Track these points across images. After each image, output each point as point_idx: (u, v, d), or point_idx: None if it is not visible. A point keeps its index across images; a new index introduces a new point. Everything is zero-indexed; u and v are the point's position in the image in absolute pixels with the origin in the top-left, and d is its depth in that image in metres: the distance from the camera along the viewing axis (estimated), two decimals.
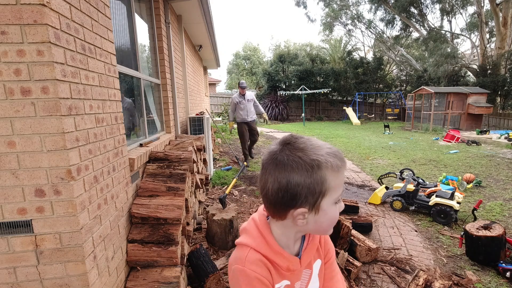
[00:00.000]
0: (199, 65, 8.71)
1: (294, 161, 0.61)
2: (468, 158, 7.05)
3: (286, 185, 0.61)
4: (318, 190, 0.61)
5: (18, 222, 1.33)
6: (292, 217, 0.64)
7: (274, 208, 0.65)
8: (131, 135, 2.81)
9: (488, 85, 13.85)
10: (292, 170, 0.60)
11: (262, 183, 0.66)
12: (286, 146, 0.64)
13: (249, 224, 0.73)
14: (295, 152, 0.62)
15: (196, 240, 3.01)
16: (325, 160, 0.61)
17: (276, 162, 0.62)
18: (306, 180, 0.60)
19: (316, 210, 0.64)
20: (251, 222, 0.74)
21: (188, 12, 4.71)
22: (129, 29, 2.77)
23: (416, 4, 16.87)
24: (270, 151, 0.66)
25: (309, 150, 0.62)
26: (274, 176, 0.62)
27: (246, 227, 0.74)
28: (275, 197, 0.63)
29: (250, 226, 0.73)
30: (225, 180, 5.01)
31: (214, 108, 19.68)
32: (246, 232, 0.72)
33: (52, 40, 1.26)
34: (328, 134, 12.08)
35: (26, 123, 1.28)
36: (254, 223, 0.72)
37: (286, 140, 0.65)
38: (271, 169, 0.63)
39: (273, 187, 0.62)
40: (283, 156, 0.62)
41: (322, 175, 0.61)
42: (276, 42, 47.95)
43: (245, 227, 0.74)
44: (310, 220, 0.65)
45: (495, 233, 2.62)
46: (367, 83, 20.23)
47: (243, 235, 0.73)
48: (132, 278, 1.94)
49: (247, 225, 0.74)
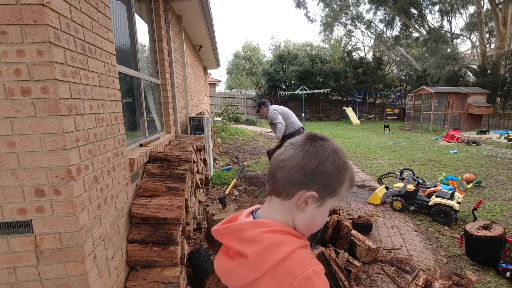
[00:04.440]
0: (199, 65, 8.71)
1: (331, 151, 0.63)
2: (468, 158, 7.05)
3: (316, 166, 0.61)
4: (334, 188, 0.64)
5: (18, 222, 1.33)
6: (298, 198, 0.63)
7: (287, 183, 0.63)
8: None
9: (488, 85, 13.86)
10: (327, 157, 0.62)
11: (284, 155, 0.65)
12: (323, 139, 0.66)
13: (266, 240, 0.59)
14: (332, 147, 0.64)
15: (196, 240, 3.01)
16: (350, 171, 0.66)
17: (314, 144, 0.64)
18: (333, 173, 0.62)
19: (321, 204, 0.64)
20: (264, 236, 0.60)
21: (188, 12, 4.71)
22: (129, 29, 2.77)
23: (416, 4, 16.88)
24: (306, 134, 0.68)
25: (343, 154, 0.66)
26: (306, 153, 0.63)
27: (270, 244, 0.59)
28: (296, 172, 0.62)
29: (270, 239, 0.59)
30: (225, 180, 5.01)
31: (214, 108, 19.67)
32: (275, 246, 0.59)
33: (52, 40, 1.26)
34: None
35: (26, 123, 1.28)
36: (268, 233, 0.61)
37: (323, 136, 0.67)
38: (305, 146, 0.64)
39: (300, 162, 0.62)
40: (322, 143, 0.64)
41: (343, 179, 0.64)
42: (276, 42, 48.01)
43: (270, 244, 0.59)
44: (309, 211, 0.65)
45: (495, 233, 2.62)
46: (367, 83, 20.24)
47: (276, 250, 0.58)
48: (132, 278, 1.94)
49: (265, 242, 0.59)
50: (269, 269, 0.57)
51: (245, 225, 0.63)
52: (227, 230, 0.65)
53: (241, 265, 0.60)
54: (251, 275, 0.58)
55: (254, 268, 0.58)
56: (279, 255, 0.57)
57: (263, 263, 0.57)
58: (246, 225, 0.63)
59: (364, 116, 19.20)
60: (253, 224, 0.63)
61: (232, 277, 0.62)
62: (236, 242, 0.62)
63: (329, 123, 18.54)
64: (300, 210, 0.64)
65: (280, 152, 0.67)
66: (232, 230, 0.64)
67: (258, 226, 0.62)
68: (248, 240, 0.60)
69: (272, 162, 0.68)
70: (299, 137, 0.68)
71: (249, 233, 0.61)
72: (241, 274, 0.60)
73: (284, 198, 0.64)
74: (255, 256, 0.58)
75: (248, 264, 0.58)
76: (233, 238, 0.63)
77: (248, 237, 0.60)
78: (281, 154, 0.66)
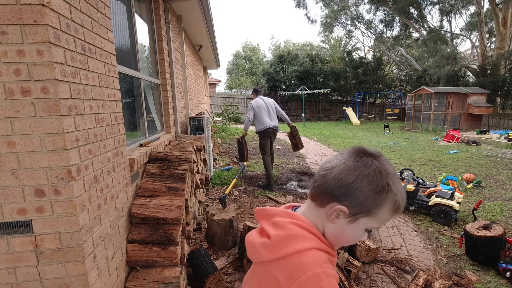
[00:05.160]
0: (199, 65, 8.71)
1: (374, 170, 0.62)
2: (468, 158, 7.05)
3: (352, 182, 0.61)
4: (369, 208, 0.62)
5: (18, 222, 1.33)
6: (329, 209, 0.64)
7: (322, 192, 0.65)
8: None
9: (488, 85, 13.86)
10: (366, 175, 0.61)
11: (329, 164, 0.66)
12: (371, 155, 0.64)
13: (291, 229, 0.63)
14: (376, 166, 0.62)
15: (196, 240, 3.01)
16: (395, 194, 0.62)
17: (357, 159, 0.63)
18: (369, 193, 0.61)
19: (353, 220, 0.64)
20: (290, 226, 0.64)
21: (188, 12, 4.72)
22: (129, 29, 2.77)
23: (416, 4, 16.88)
24: (356, 147, 0.67)
25: (389, 175, 0.63)
26: (346, 166, 0.63)
27: (293, 234, 0.63)
28: (332, 183, 0.63)
29: (294, 230, 0.63)
30: (225, 180, 5.01)
31: (214, 108, 19.68)
32: (296, 237, 0.62)
33: (52, 40, 1.26)
34: (328, 134, 12.08)
35: (26, 123, 1.28)
36: (295, 225, 0.64)
37: (374, 152, 0.66)
38: (348, 159, 0.64)
39: (338, 174, 0.63)
40: (366, 160, 0.63)
41: (383, 201, 0.62)
42: (276, 42, 48.02)
43: (293, 234, 0.63)
44: (339, 224, 0.65)
45: (495, 233, 2.62)
46: (367, 83, 20.24)
47: (296, 241, 0.62)
48: (132, 278, 1.94)
49: (289, 231, 0.63)
50: (284, 256, 0.61)
51: (279, 212, 0.69)
52: (264, 212, 0.71)
53: (263, 244, 0.64)
54: (268, 256, 0.63)
55: (272, 250, 0.62)
56: (297, 247, 0.60)
57: (280, 248, 0.61)
58: (280, 212, 0.69)
59: (364, 116, 19.21)
60: (286, 214, 0.68)
61: (253, 251, 0.67)
62: (267, 224, 0.68)
63: (329, 123, 18.54)
64: (330, 221, 0.65)
65: (328, 160, 0.69)
66: (268, 213, 0.70)
67: (289, 216, 0.67)
68: (276, 225, 0.65)
69: (319, 168, 0.70)
70: (348, 149, 0.68)
71: (279, 219, 0.66)
72: (261, 252, 0.64)
73: (318, 205, 0.67)
74: (276, 240, 0.63)
75: (268, 245, 0.63)
76: (266, 220, 0.69)
77: (277, 222, 0.66)
78: (328, 162, 0.68)
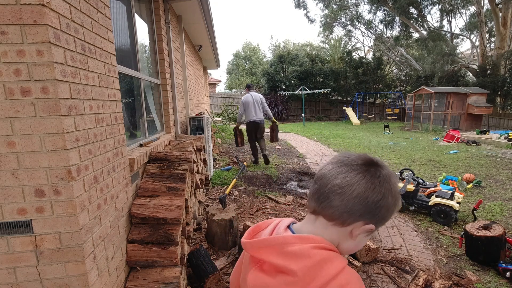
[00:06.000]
0: (199, 65, 8.71)
1: (392, 184, 0.60)
2: (468, 158, 7.05)
3: (379, 199, 0.58)
4: (388, 218, 0.62)
5: (18, 222, 1.33)
6: (353, 228, 0.60)
7: (344, 213, 0.59)
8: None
9: (488, 85, 13.86)
10: (390, 191, 0.59)
11: (341, 180, 0.59)
12: (382, 166, 0.62)
13: (317, 255, 0.56)
14: (390, 178, 0.61)
15: (196, 240, 3.01)
16: (400, 197, 0.64)
17: (378, 173, 0.59)
18: (392, 207, 0.61)
19: (371, 233, 0.64)
20: (315, 252, 0.56)
21: (188, 12, 4.72)
22: (129, 29, 2.77)
23: (416, 4, 16.88)
24: (362, 157, 0.62)
25: (396, 179, 0.62)
26: (370, 183, 0.58)
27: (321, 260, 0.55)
28: (357, 203, 0.58)
29: (321, 255, 0.56)
30: (225, 180, 5.01)
31: (214, 108, 19.68)
32: (326, 262, 0.56)
33: (52, 40, 1.26)
34: (328, 134, 12.08)
35: (26, 123, 1.28)
36: (318, 249, 0.57)
37: (379, 160, 0.63)
38: (367, 173, 0.59)
39: (362, 192, 0.58)
40: (383, 173, 0.60)
41: (395, 208, 0.62)
42: (275, 42, 48.01)
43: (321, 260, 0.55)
44: (358, 238, 0.63)
45: (495, 233, 2.62)
46: (367, 83, 20.24)
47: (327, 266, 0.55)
48: (132, 278, 1.94)
49: (315, 257, 0.55)
50: (320, 286, 0.53)
51: (289, 238, 0.59)
52: (267, 243, 0.60)
53: (286, 283, 0.55)
54: None
55: (302, 285, 0.54)
56: (331, 271, 0.54)
57: (313, 280, 0.53)
58: (291, 239, 0.59)
59: (364, 116, 19.20)
60: (300, 239, 0.59)
61: None
62: (278, 257, 0.57)
63: (329, 123, 18.54)
64: (351, 238, 0.62)
65: (332, 174, 0.61)
66: (274, 243, 0.59)
67: (305, 240, 0.58)
68: (295, 255, 0.56)
69: (324, 182, 0.61)
70: (354, 158, 0.62)
71: (296, 248, 0.57)
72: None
73: (337, 225, 0.61)
74: (304, 273, 0.54)
75: (295, 282, 0.54)
76: (274, 252, 0.58)
77: (294, 251, 0.56)
78: (335, 177, 0.60)
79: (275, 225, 0.68)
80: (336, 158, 0.65)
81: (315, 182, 0.64)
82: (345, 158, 0.63)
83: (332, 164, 0.63)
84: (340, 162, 0.62)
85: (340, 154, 0.66)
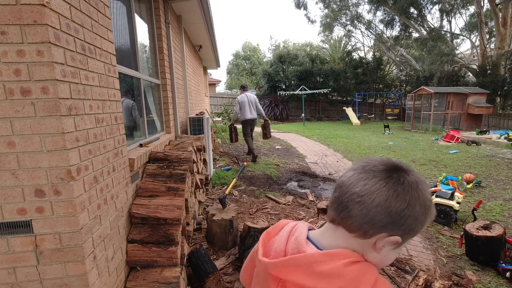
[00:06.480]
0: (199, 65, 8.71)
1: (420, 190, 0.55)
2: (468, 158, 7.05)
3: (404, 208, 0.53)
4: (417, 229, 0.56)
5: (18, 222, 1.33)
6: (377, 240, 0.56)
7: (365, 223, 0.54)
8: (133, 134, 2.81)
9: (488, 85, 13.86)
10: (417, 199, 0.53)
11: (361, 188, 0.55)
12: (407, 171, 0.56)
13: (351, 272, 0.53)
14: (419, 184, 0.55)
15: (196, 240, 3.01)
16: (433, 206, 0.58)
17: (401, 180, 0.54)
18: (421, 216, 0.55)
19: (398, 246, 0.58)
20: (347, 269, 0.53)
21: (188, 12, 4.72)
22: (129, 29, 2.77)
23: (416, 4, 16.88)
24: (385, 162, 0.57)
25: (428, 188, 0.56)
26: (392, 191, 0.53)
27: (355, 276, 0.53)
28: (378, 212, 0.53)
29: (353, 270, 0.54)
30: (225, 180, 5.01)
31: (214, 108, 19.67)
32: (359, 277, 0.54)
33: (52, 40, 1.26)
34: (328, 134, 12.08)
35: (26, 123, 1.28)
36: (349, 265, 0.54)
37: (405, 166, 0.58)
38: (389, 180, 0.54)
39: (384, 201, 0.53)
40: (409, 179, 0.54)
41: (427, 219, 0.56)
42: (275, 42, 47.96)
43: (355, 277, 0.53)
44: (383, 252, 0.57)
45: (495, 233, 2.62)
46: (366, 83, 20.24)
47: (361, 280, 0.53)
48: (132, 278, 1.94)
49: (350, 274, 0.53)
50: None
51: (318, 257, 0.55)
52: (293, 262, 0.56)
53: None
54: None
55: None
56: (367, 286, 0.52)
57: None
58: (320, 257, 0.55)
59: (364, 116, 19.20)
60: (329, 256, 0.55)
61: None
62: (307, 277, 0.53)
63: (329, 123, 18.55)
64: (375, 251, 0.57)
65: (352, 181, 0.57)
66: (301, 263, 0.55)
67: (335, 258, 0.55)
68: (327, 276, 0.52)
69: (343, 190, 0.58)
70: (376, 164, 0.57)
71: (327, 268, 0.53)
72: None
73: (359, 237, 0.56)
74: None
75: None
76: (302, 272, 0.54)
77: (326, 272, 0.53)
78: (354, 184, 0.56)
79: (288, 232, 0.63)
80: (357, 164, 0.60)
81: (335, 190, 0.60)
82: (366, 164, 0.58)
83: (352, 171, 0.59)
84: (361, 168, 0.58)
85: (362, 159, 0.61)
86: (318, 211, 3.12)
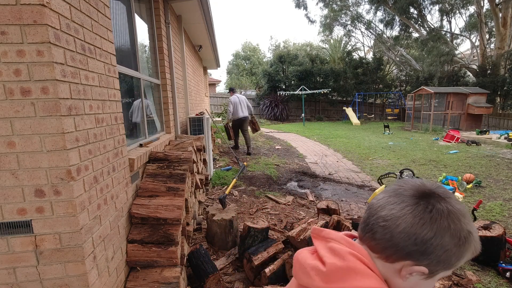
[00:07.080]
0: (199, 65, 8.71)
1: (452, 220, 0.52)
2: (468, 158, 7.05)
3: (431, 237, 0.51)
4: (452, 262, 0.53)
5: (18, 223, 1.33)
6: (401, 267, 0.54)
7: (388, 248, 0.54)
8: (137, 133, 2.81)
9: (488, 85, 13.86)
10: (446, 229, 0.51)
11: (387, 212, 0.55)
12: (440, 197, 0.54)
13: (351, 262, 0.54)
14: (452, 213, 0.52)
15: (196, 240, 3.01)
16: (475, 240, 0.54)
17: (429, 207, 0.52)
18: (453, 248, 0.52)
19: (430, 277, 0.55)
20: (350, 258, 0.55)
21: (188, 12, 4.72)
22: (129, 30, 2.77)
23: (416, 4, 16.88)
24: (417, 185, 0.56)
25: (467, 219, 0.53)
26: (418, 218, 0.52)
27: (353, 267, 0.54)
28: (402, 239, 0.52)
29: (355, 263, 0.54)
30: (225, 180, 5.01)
31: (214, 108, 19.68)
32: (356, 273, 0.53)
33: (52, 40, 1.26)
34: (328, 134, 12.08)
35: (26, 124, 1.28)
36: (355, 257, 0.55)
37: (441, 191, 0.55)
38: (417, 206, 0.53)
39: (409, 228, 0.52)
40: (440, 207, 0.52)
41: (465, 252, 0.53)
42: (275, 42, 47.95)
43: (353, 267, 0.54)
44: (411, 280, 0.55)
45: (495, 233, 2.62)
46: (366, 83, 20.25)
47: (356, 277, 0.53)
48: (132, 278, 1.94)
49: (348, 263, 0.54)
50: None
51: (339, 237, 0.60)
52: (321, 233, 0.63)
53: (316, 269, 0.56)
54: (320, 284, 0.55)
55: (325, 279, 0.54)
56: (357, 283, 0.52)
57: (336, 280, 0.53)
58: (339, 238, 0.60)
59: (364, 116, 19.21)
60: (346, 242, 0.59)
61: (303, 273, 0.59)
62: (322, 247, 0.60)
63: (329, 123, 18.55)
64: (400, 278, 0.55)
65: (380, 204, 0.57)
66: (325, 236, 0.62)
67: (349, 245, 0.58)
68: (333, 251, 0.57)
69: (371, 212, 0.59)
70: (407, 188, 0.56)
71: (337, 246, 0.57)
72: (312, 277, 0.56)
73: (382, 259, 0.56)
74: (331, 269, 0.54)
75: (322, 273, 0.55)
76: (322, 242, 0.61)
77: (334, 248, 0.57)
78: (382, 208, 0.56)
79: None
80: (391, 186, 0.60)
81: (366, 210, 0.62)
82: (399, 187, 0.58)
83: (384, 193, 0.59)
84: (393, 191, 0.58)
85: (398, 181, 0.61)
86: (318, 211, 3.12)
